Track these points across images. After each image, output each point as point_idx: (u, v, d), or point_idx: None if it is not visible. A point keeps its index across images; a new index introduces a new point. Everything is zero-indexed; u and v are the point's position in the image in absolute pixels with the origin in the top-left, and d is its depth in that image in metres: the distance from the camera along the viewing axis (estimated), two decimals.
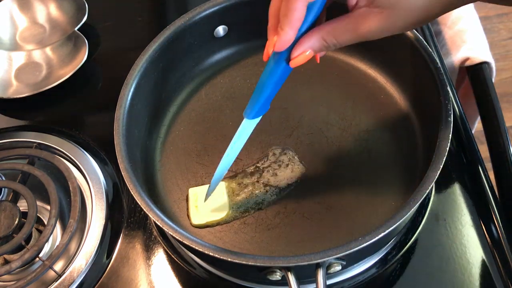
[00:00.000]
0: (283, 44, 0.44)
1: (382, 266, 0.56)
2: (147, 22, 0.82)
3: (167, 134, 0.64)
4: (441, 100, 0.53)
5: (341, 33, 0.44)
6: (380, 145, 0.60)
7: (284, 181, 0.59)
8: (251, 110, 0.50)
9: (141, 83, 0.59)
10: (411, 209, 0.47)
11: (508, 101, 1.53)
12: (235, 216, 0.57)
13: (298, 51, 0.44)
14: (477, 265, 0.55)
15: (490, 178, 0.61)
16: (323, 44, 0.44)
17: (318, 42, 0.44)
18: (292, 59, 0.45)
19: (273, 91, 0.48)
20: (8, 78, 0.75)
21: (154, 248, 0.59)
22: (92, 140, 0.68)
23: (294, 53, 0.45)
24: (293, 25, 0.43)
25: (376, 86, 0.65)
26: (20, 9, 0.82)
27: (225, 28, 0.67)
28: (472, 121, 0.79)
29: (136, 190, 0.50)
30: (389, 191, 0.57)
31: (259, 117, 0.51)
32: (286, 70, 0.46)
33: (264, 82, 0.47)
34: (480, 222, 0.57)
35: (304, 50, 0.44)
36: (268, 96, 0.48)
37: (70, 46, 0.76)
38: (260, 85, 0.48)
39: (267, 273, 0.48)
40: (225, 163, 0.54)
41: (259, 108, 0.49)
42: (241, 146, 0.53)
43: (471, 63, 0.71)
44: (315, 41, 0.44)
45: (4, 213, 0.58)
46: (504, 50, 1.65)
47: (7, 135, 0.69)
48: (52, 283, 0.57)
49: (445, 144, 0.50)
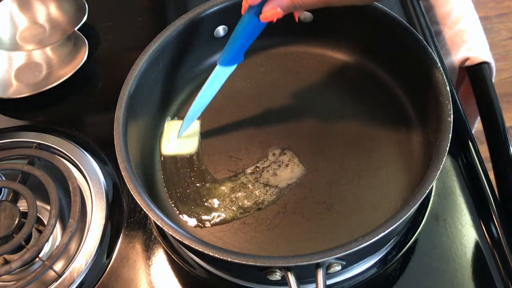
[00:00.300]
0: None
1: (382, 266, 0.56)
2: (147, 22, 0.82)
3: None
4: (441, 100, 0.53)
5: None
6: (380, 145, 0.60)
7: (284, 181, 0.59)
8: (224, 57, 0.56)
9: (141, 83, 0.59)
10: (411, 209, 0.47)
11: (508, 101, 1.53)
12: (235, 216, 0.57)
13: (268, 7, 0.50)
14: (477, 265, 0.55)
15: (490, 178, 0.61)
16: (291, 4, 0.50)
17: (286, 1, 0.50)
18: (262, 13, 0.50)
19: (245, 42, 0.54)
20: (8, 78, 0.75)
21: (154, 248, 0.59)
22: (92, 140, 0.68)
23: (265, 8, 0.50)
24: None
25: (376, 86, 0.65)
26: (20, 9, 0.82)
27: (225, 28, 0.67)
28: (472, 121, 0.79)
29: (136, 190, 0.50)
30: (389, 191, 0.57)
31: (233, 66, 0.57)
32: (258, 24, 0.52)
33: (238, 32, 0.53)
34: (480, 222, 0.57)
35: (274, 7, 0.50)
36: (240, 45, 0.54)
37: (70, 46, 0.76)
38: (234, 35, 0.54)
39: (267, 273, 0.48)
40: (196, 107, 0.60)
41: (231, 57, 0.56)
42: (213, 93, 0.60)
43: (471, 63, 0.71)
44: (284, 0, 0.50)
45: (4, 213, 0.58)
46: (504, 50, 1.65)
47: (7, 135, 0.69)
48: (52, 283, 0.57)
49: (445, 144, 0.50)
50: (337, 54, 0.68)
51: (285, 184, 0.59)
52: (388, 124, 0.62)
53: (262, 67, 0.69)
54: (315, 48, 0.69)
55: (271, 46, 0.69)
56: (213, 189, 0.59)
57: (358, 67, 0.67)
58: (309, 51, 0.69)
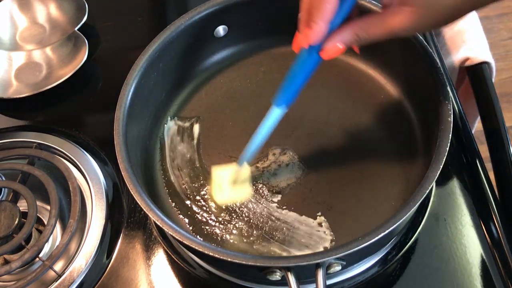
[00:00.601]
0: (316, 36, 0.46)
1: (382, 266, 0.56)
2: (147, 22, 0.82)
3: None
4: (441, 100, 0.53)
5: (373, 29, 0.46)
6: (380, 145, 0.60)
7: (284, 181, 0.59)
8: (283, 99, 0.51)
9: (141, 83, 0.59)
10: (411, 209, 0.47)
11: (508, 101, 1.53)
12: (235, 216, 0.57)
13: (331, 43, 0.47)
14: (477, 265, 0.55)
15: (490, 178, 0.61)
16: (354, 38, 0.46)
17: (349, 36, 0.46)
18: (324, 51, 0.47)
19: (303, 81, 0.50)
20: (8, 78, 0.75)
21: (154, 248, 0.59)
22: (92, 140, 0.68)
23: (327, 45, 0.47)
24: (325, 17, 0.45)
25: (376, 86, 0.65)
26: (20, 9, 0.82)
27: (225, 28, 0.67)
28: (472, 121, 0.79)
29: (136, 190, 0.50)
30: (389, 191, 0.57)
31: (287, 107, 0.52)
32: (317, 62, 0.48)
33: (296, 72, 0.49)
34: (480, 222, 0.57)
35: (337, 42, 0.46)
36: (300, 86, 0.50)
37: (70, 46, 0.76)
38: (292, 75, 0.50)
39: (267, 273, 0.48)
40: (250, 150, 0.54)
41: (289, 98, 0.51)
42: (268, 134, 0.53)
43: (471, 63, 0.71)
44: (347, 35, 0.46)
45: (4, 213, 0.58)
46: (504, 50, 1.65)
47: (7, 135, 0.69)
48: (52, 283, 0.57)
49: (445, 144, 0.50)
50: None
51: (285, 184, 0.59)
52: (388, 124, 0.62)
53: (262, 67, 0.69)
54: None
55: (271, 46, 0.69)
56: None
57: (357, 67, 0.67)
58: None
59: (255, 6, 0.65)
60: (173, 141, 0.64)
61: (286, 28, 0.67)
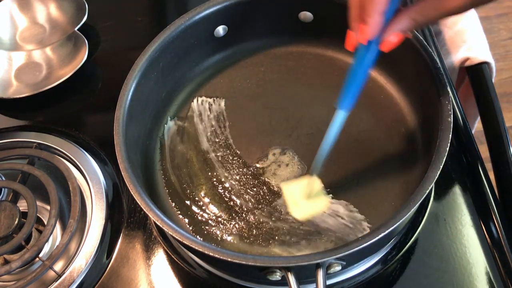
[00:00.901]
0: (374, 30, 0.45)
1: (382, 266, 0.56)
2: (147, 22, 0.82)
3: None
4: (441, 100, 0.53)
5: (431, 12, 0.45)
6: (380, 145, 0.60)
7: (284, 181, 0.59)
8: (347, 101, 0.50)
9: (141, 83, 0.59)
10: (411, 209, 0.47)
11: (508, 101, 1.53)
12: (235, 216, 0.57)
13: (389, 34, 0.46)
14: (477, 265, 0.55)
15: (490, 178, 0.61)
16: (412, 24, 0.46)
17: (407, 22, 0.46)
18: (384, 43, 0.46)
19: (364, 79, 0.49)
20: (8, 78, 0.75)
21: (154, 248, 0.59)
22: (92, 140, 0.68)
23: (386, 36, 0.46)
24: (379, 9, 0.44)
25: (376, 86, 0.65)
26: (20, 9, 0.82)
27: (225, 28, 0.67)
28: (472, 121, 0.79)
29: (136, 190, 0.50)
30: (389, 191, 0.57)
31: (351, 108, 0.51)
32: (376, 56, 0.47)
33: (357, 72, 0.48)
34: (480, 222, 0.57)
35: (396, 31, 0.46)
36: (361, 85, 0.49)
37: (70, 46, 0.76)
38: (353, 75, 0.49)
39: (267, 273, 0.48)
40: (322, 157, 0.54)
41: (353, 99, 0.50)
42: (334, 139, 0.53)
43: (471, 63, 0.71)
44: (405, 21, 0.46)
45: (4, 213, 0.58)
46: (504, 50, 1.65)
47: (7, 135, 0.69)
48: (52, 283, 0.57)
49: (445, 144, 0.50)
50: (337, 54, 0.68)
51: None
52: (388, 124, 0.62)
53: (262, 67, 0.69)
54: (315, 48, 0.69)
55: (271, 46, 0.70)
56: (213, 189, 0.59)
57: None
58: (309, 51, 0.69)
59: (255, 6, 0.65)
60: (173, 141, 0.64)
61: (286, 28, 0.67)
